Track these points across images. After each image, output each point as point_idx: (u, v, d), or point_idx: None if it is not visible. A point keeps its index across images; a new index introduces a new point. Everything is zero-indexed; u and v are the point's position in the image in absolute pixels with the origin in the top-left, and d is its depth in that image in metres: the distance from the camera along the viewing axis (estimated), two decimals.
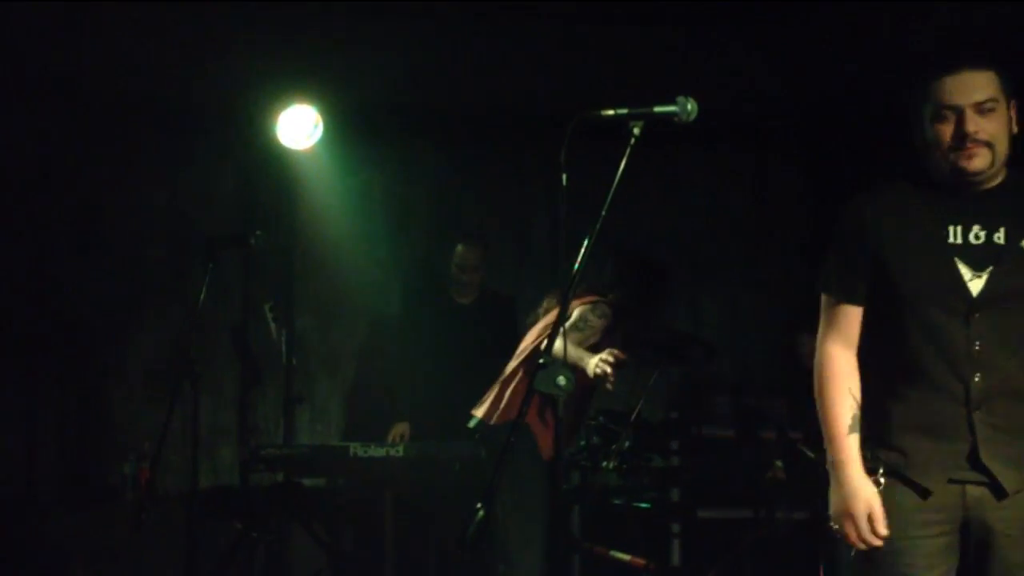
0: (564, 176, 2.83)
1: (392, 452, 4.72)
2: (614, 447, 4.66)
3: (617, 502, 4.84)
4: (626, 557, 4.58)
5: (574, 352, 3.90)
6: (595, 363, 3.86)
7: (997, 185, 2.53)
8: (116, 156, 5.82)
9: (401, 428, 5.24)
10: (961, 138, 2.46)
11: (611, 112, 2.79)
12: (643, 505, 4.78)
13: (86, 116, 5.63)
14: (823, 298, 2.64)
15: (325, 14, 5.28)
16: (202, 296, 4.17)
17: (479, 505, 2.53)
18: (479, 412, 4.15)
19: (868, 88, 5.55)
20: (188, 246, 5.64)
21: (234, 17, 5.15)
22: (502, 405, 4.07)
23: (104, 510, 5.04)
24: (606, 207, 2.79)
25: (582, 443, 4.80)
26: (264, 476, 5.10)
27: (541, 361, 2.63)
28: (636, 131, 2.77)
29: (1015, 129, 2.54)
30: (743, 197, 6.47)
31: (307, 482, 5.09)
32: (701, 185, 6.44)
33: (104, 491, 5.36)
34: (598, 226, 2.77)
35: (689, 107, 2.77)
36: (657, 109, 2.76)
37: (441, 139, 6.19)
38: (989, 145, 2.47)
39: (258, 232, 4.27)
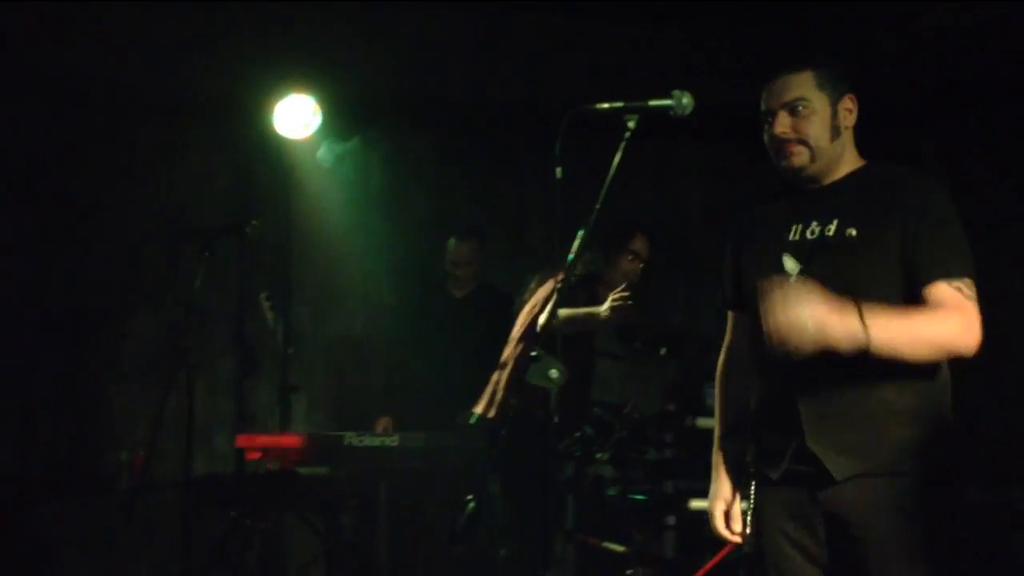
0: (559, 169, 2.84)
1: (387, 442, 4.72)
2: (609, 438, 4.67)
3: (611, 493, 4.85)
4: (619, 548, 4.58)
5: (581, 312, 3.96)
6: (605, 308, 3.95)
7: (841, 179, 2.59)
8: (112, 147, 5.83)
9: (384, 422, 5.24)
10: (772, 139, 2.57)
11: (606, 106, 2.80)
12: (638, 496, 4.78)
13: (81, 108, 5.64)
14: None
15: (323, 4, 5.28)
16: (196, 285, 4.17)
17: (469, 497, 2.54)
18: (478, 408, 4.16)
19: (866, 85, 5.53)
20: (185, 236, 5.63)
21: (231, 7, 5.14)
22: (497, 398, 4.08)
23: (99, 499, 5.04)
24: (601, 200, 2.80)
25: (576, 434, 4.80)
26: (259, 464, 5.11)
27: (533, 354, 2.63)
28: (631, 125, 2.78)
29: (848, 123, 2.59)
30: (740, 193, 6.47)
31: (304, 471, 5.10)
32: (698, 180, 6.45)
33: (99, 480, 5.37)
34: (592, 218, 2.79)
35: (684, 101, 2.78)
36: (652, 103, 2.77)
37: (438, 130, 6.20)
38: (803, 142, 2.54)
39: (253, 222, 4.27)
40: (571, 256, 2.80)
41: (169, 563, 4.51)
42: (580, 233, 2.80)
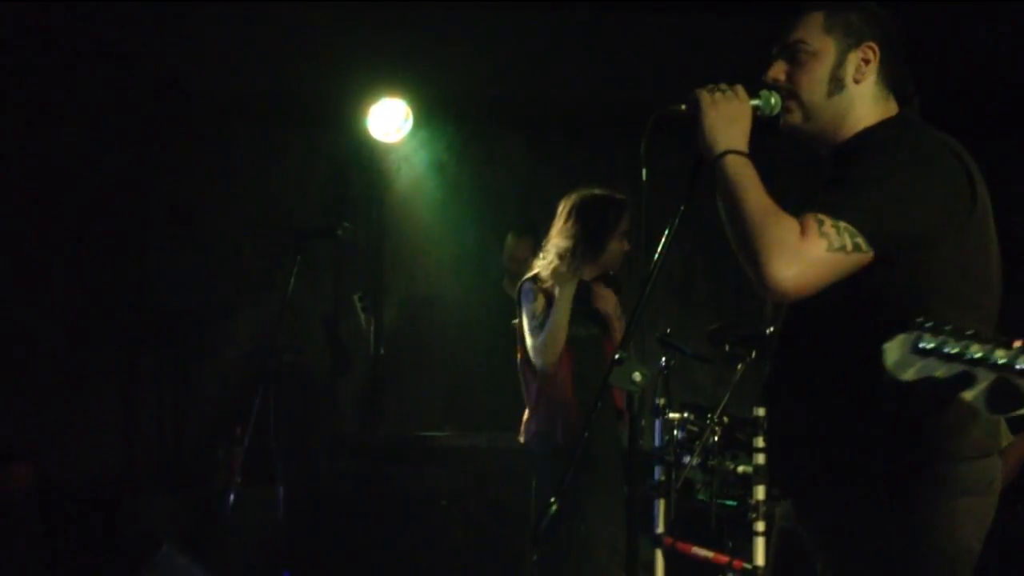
0: (644, 171, 2.81)
1: (477, 442, 4.76)
2: (698, 442, 4.61)
3: (701, 498, 4.79)
4: (710, 554, 4.53)
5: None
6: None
7: (840, 144, 2.20)
8: (212, 149, 5.96)
9: None
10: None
11: (685, 107, 2.76)
12: (728, 502, 4.71)
13: (183, 110, 5.78)
14: None
15: (416, 8, 5.34)
16: (290, 287, 4.25)
17: (552, 499, 2.53)
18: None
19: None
20: (282, 237, 5.75)
21: (326, 11, 5.24)
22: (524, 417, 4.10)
23: (197, 495, 5.17)
24: (685, 201, 2.77)
25: (667, 438, 4.76)
26: (352, 464, 5.19)
27: (617, 356, 2.61)
28: None
29: (860, 76, 2.18)
30: None
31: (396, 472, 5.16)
32: (793, 175, 6.33)
33: (198, 476, 5.51)
34: (676, 220, 2.76)
35: (772, 100, 2.70)
36: None
37: (530, 133, 6.21)
38: (793, 95, 2.20)
39: (345, 224, 4.33)
40: (656, 255, 2.76)
41: (263, 560, 4.60)
42: (666, 232, 2.76)
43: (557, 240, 4.12)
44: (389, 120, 5.52)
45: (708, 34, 5.58)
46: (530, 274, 4.12)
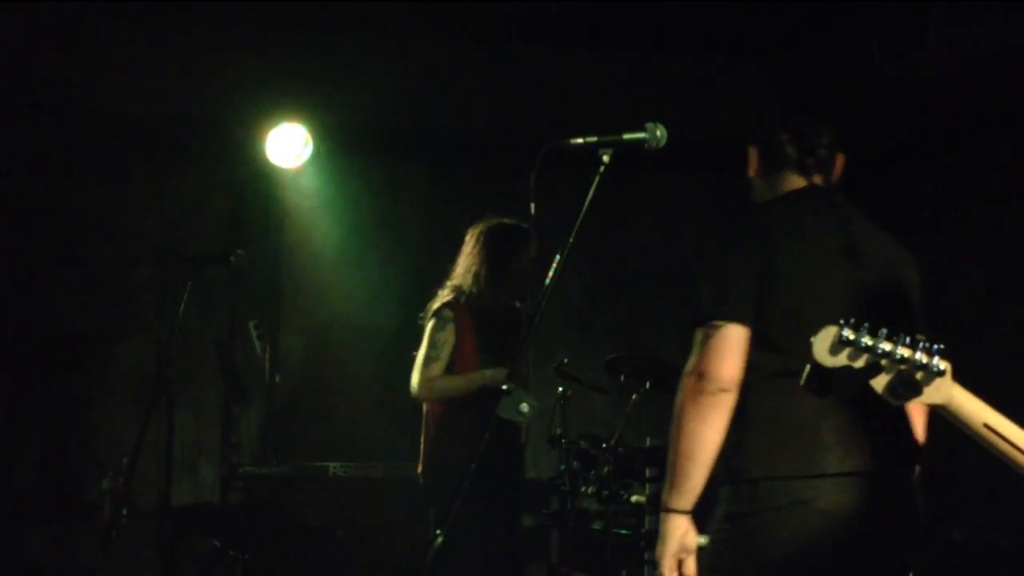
0: (532, 205, 2.84)
1: (373, 472, 4.71)
2: (593, 472, 4.64)
3: (596, 527, 4.82)
4: None
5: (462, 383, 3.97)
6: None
7: None
8: (105, 173, 5.85)
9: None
10: None
11: (580, 140, 2.80)
12: (622, 531, 4.75)
13: (76, 133, 5.66)
14: None
15: (319, 35, 5.32)
16: (180, 312, 4.17)
17: (438, 531, 2.52)
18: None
19: (856, 115, 5.56)
20: (172, 263, 5.65)
21: (224, 36, 5.19)
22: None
23: (81, 526, 5.03)
24: (573, 234, 2.79)
25: (562, 467, 4.78)
26: (245, 494, 5.09)
27: (504, 388, 2.62)
28: (606, 159, 2.77)
29: (751, 172, 2.69)
30: None
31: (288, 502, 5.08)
32: (695, 211, 6.44)
33: (83, 506, 5.35)
34: (567, 249, 2.79)
35: (658, 133, 2.77)
36: (626, 136, 2.76)
37: (431, 159, 6.20)
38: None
39: (239, 251, 4.27)
40: (547, 281, 2.78)
41: None
42: (557, 258, 2.78)
43: (464, 265, 4.14)
44: (288, 146, 5.47)
45: (606, 68, 5.68)
46: (444, 301, 4.12)
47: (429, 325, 4.08)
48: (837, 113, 2.83)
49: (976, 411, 1.92)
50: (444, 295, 4.12)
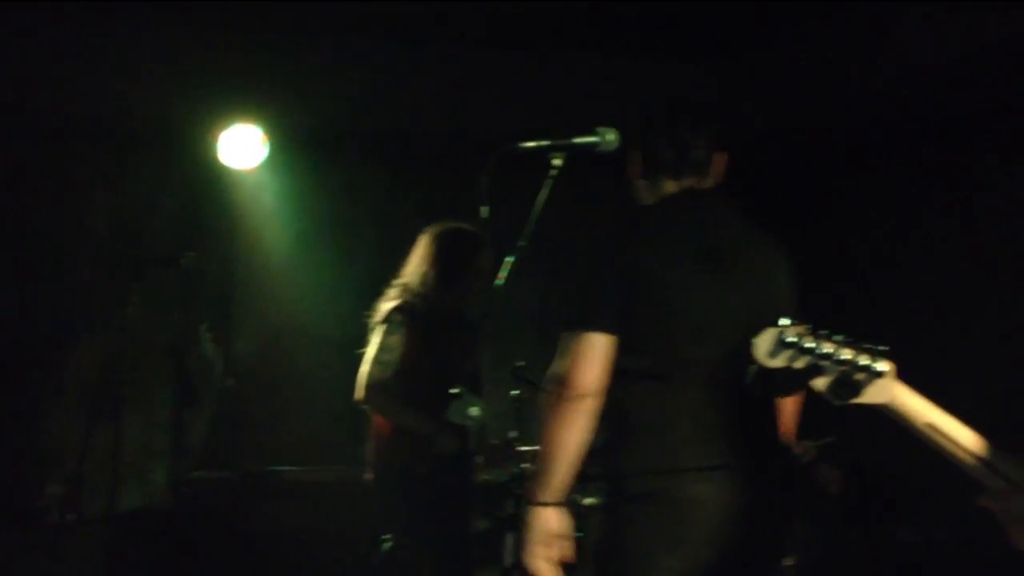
0: (485, 208, 2.85)
1: (325, 477, 4.67)
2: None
3: None
4: None
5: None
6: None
7: None
8: (54, 173, 5.75)
9: None
10: None
11: (532, 144, 2.81)
12: (577, 534, 4.74)
13: (23, 135, 5.57)
14: None
15: (277, 37, 5.28)
16: (128, 316, 4.11)
17: (385, 537, 2.50)
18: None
19: (806, 121, 5.61)
20: (123, 265, 5.56)
21: (179, 35, 5.13)
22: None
23: (27, 532, 4.94)
24: (526, 237, 2.80)
25: (517, 470, 4.76)
26: (197, 499, 5.03)
27: (453, 391, 2.61)
28: (557, 163, 2.79)
29: (632, 174, 2.77)
30: None
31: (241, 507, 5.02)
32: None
33: (29, 513, 5.26)
34: (519, 253, 2.79)
35: (609, 137, 2.79)
36: (577, 140, 2.78)
37: (388, 163, 6.17)
38: None
39: (190, 253, 4.22)
40: (499, 282, 2.80)
41: None
42: (508, 260, 2.80)
43: (414, 268, 4.13)
44: (242, 147, 5.41)
45: (565, 71, 5.68)
46: (395, 304, 4.09)
47: (379, 328, 4.05)
48: (723, 114, 2.84)
49: (919, 411, 1.94)
50: (393, 296, 4.10)
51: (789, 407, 2.67)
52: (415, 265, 4.14)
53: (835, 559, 4.82)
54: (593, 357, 2.43)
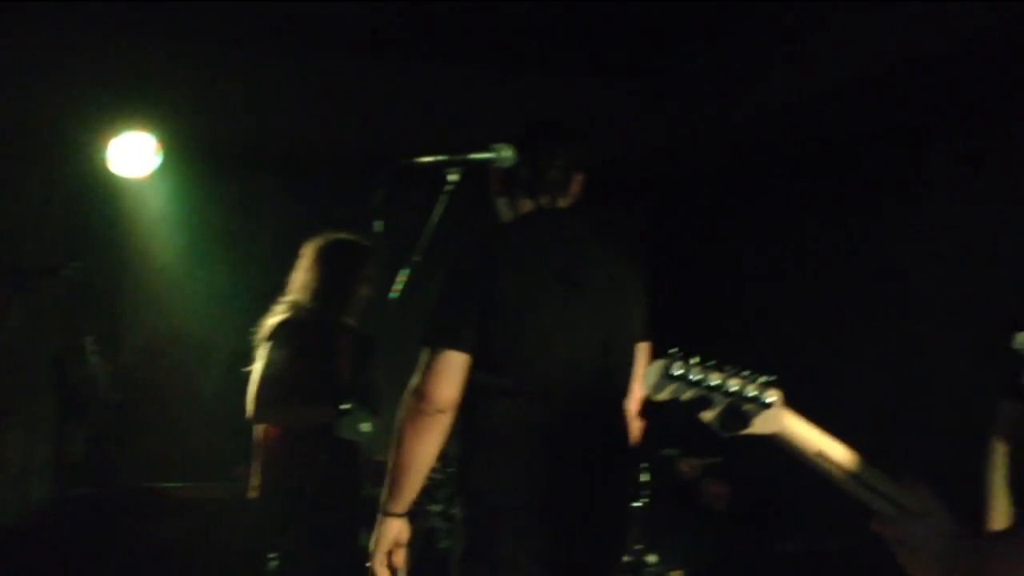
0: (380, 222, 2.84)
1: (213, 493, 4.58)
2: (441, 490, 4.62)
3: (444, 546, 4.79)
4: None
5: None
6: None
7: None
8: None
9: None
10: None
11: (428, 159, 2.80)
12: (442, 545, 4.74)
13: None
14: None
15: (169, 43, 5.17)
16: (8, 328, 3.98)
17: (272, 555, 2.47)
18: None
19: (706, 139, 5.72)
20: (5, 276, 5.38)
21: (67, 39, 4.99)
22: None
23: None
24: (420, 252, 2.79)
25: None
26: (80, 515, 4.89)
27: (344, 407, 2.59)
28: (453, 178, 2.79)
29: (493, 192, 2.88)
30: None
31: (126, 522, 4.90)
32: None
33: None
34: (414, 267, 2.78)
35: (505, 154, 2.80)
36: (472, 156, 2.78)
37: (283, 173, 6.09)
38: None
39: (74, 263, 4.10)
40: (394, 295, 2.79)
41: None
42: (405, 272, 2.79)
43: (300, 282, 4.07)
44: (133, 155, 5.29)
45: (466, 84, 5.68)
46: (281, 319, 4.02)
47: (266, 344, 3.97)
48: (583, 135, 2.95)
49: (808, 440, 1.94)
50: (280, 311, 4.03)
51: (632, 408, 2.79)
52: (300, 279, 4.08)
53: (723, 574, 4.90)
54: (448, 374, 2.52)
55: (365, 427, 2.59)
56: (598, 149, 5.20)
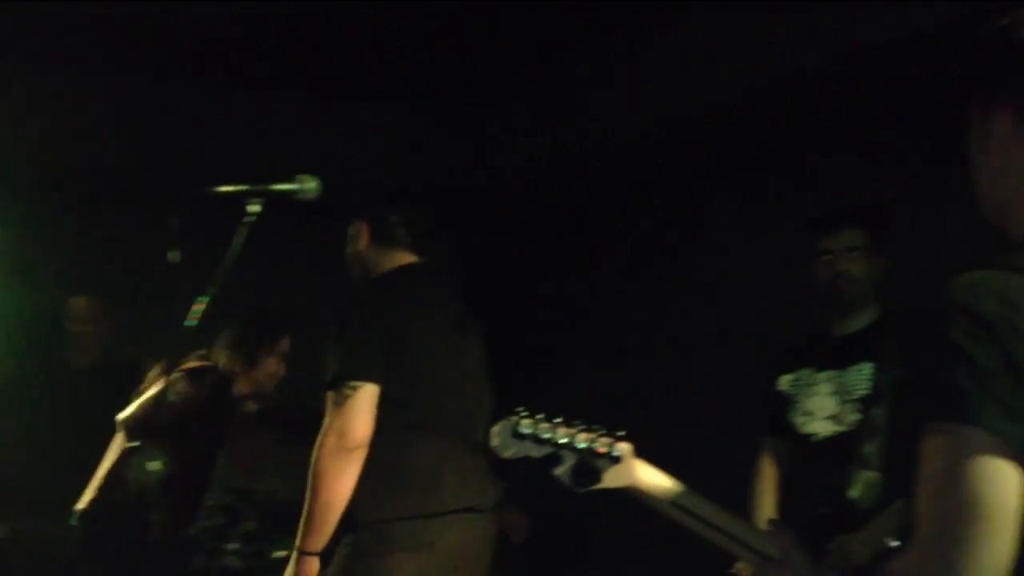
0: (174, 253, 2.76)
1: (30, 532, 4.31)
2: (237, 528, 4.48)
3: None
4: None
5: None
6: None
7: None
8: None
9: None
10: None
11: (227, 188, 2.73)
12: None
13: None
14: None
15: None
16: None
17: None
18: (81, 504, 3.84)
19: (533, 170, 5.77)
20: None
21: None
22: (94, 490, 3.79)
23: None
24: (217, 284, 2.72)
25: (206, 523, 4.58)
26: None
27: (132, 445, 2.49)
28: (254, 209, 2.73)
29: (361, 245, 3.07)
30: None
31: None
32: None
33: None
34: (210, 297, 2.72)
35: (309, 186, 2.77)
36: (274, 187, 2.74)
37: (74, 198, 5.83)
38: None
39: None
40: (193, 322, 2.71)
41: None
42: (203, 300, 2.71)
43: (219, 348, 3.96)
44: None
45: (275, 113, 5.60)
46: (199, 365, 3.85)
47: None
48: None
49: (662, 491, 1.88)
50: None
51: None
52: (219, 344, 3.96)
53: None
54: (364, 408, 2.63)
55: (154, 466, 2.50)
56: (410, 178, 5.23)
